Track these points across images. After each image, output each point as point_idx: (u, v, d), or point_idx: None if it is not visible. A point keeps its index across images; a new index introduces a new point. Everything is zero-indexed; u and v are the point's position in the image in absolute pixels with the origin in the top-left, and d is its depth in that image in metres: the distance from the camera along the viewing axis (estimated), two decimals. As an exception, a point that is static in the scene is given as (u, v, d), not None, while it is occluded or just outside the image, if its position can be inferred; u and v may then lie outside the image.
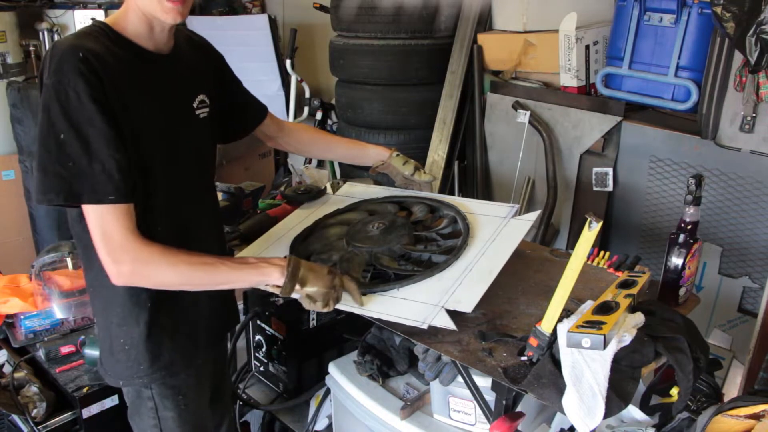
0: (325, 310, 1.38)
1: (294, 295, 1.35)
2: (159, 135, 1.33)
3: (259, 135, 1.75)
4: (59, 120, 1.17)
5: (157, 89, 1.34)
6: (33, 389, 1.77)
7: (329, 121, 4.31)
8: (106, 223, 1.22)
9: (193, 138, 1.43)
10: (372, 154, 1.86)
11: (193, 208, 1.44)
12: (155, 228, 1.33)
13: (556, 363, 1.19)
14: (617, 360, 1.15)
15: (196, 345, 1.48)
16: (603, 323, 1.16)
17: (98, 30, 1.28)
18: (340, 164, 3.81)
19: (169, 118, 1.36)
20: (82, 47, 1.20)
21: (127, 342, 1.38)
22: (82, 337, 1.89)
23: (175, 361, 1.43)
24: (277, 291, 1.34)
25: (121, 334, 1.38)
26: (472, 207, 1.78)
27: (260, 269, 1.33)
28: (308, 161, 3.93)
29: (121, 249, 1.23)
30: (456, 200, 1.83)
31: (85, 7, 3.59)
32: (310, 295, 1.35)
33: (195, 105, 1.43)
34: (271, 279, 1.33)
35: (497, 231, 1.64)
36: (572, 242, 2.96)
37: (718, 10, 2.03)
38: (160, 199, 1.34)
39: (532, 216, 1.69)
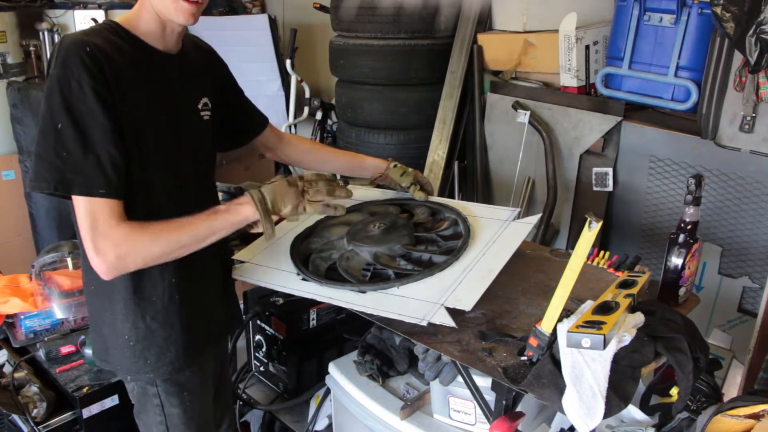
0: (315, 211, 1.43)
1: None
2: (163, 132, 1.35)
3: (258, 146, 1.77)
4: (59, 110, 1.19)
5: (163, 87, 1.36)
6: (33, 389, 1.77)
7: (329, 121, 4.31)
8: (94, 217, 1.23)
9: (195, 138, 1.45)
10: (369, 166, 1.87)
11: (193, 207, 1.44)
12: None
13: (556, 363, 1.19)
14: (617, 360, 1.15)
15: (200, 341, 1.49)
16: (603, 323, 1.16)
17: (108, 28, 1.30)
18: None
19: (174, 116, 1.38)
20: (90, 42, 1.22)
21: (132, 338, 1.39)
22: (82, 337, 1.89)
23: (180, 357, 1.44)
24: (258, 230, 1.37)
25: (125, 330, 1.39)
26: (473, 210, 1.79)
27: (233, 211, 1.35)
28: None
29: (101, 237, 1.23)
30: (457, 203, 1.84)
31: (85, 7, 3.59)
32: (290, 215, 1.40)
33: (199, 107, 1.45)
34: (248, 215, 1.35)
35: (498, 233, 1.65)
36: (572, 242, 2.96)
37: (718, 10, 2.03)
38: (162, 195, 1.35)
39: (533, 219, 1.70)
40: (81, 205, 1.23)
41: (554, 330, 1.20)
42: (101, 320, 1.43)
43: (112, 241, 1.23)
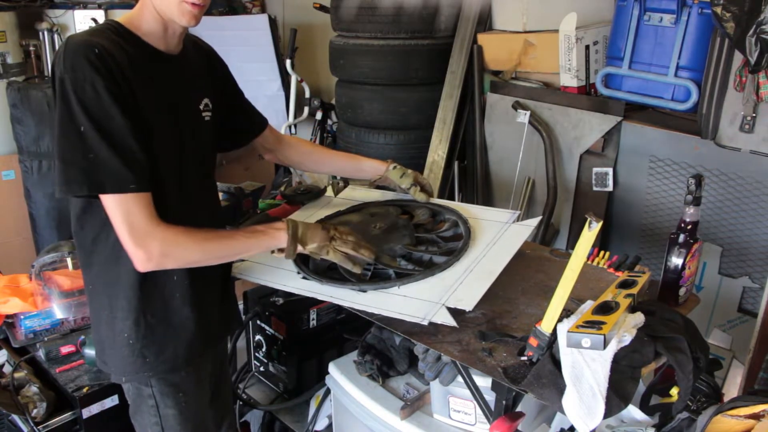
0: (336, 259, 1.49)
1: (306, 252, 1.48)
2: (165, 132, 1.35)
3: (257, 147, 1.78)
4: (79, 113, 1.20)
5: (166, 88, 1.36)
6: (33, 389, 1.77)
7: (329, 121, 4.31)
8: (129, 211, 1.25)
9: (197, 138, 1.45)
10: (368, 168, 1.87)
11: (196, 207, 1.45)
12: (167, 219, 1.35)
13: (556, 363, 1.19)
14: (617, 360, 1.15)
15: (199, 341, 1.48)
16: (603, 323, 1.16)
17: (111, 29, 1.31)
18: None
19: (176, 117, 1.38)
20: (97, 43, 1.23)
21: (132, 336, 1.39)
22: (82, 337, 1.89)
23: (179, 356, 1.44)
24: (282, 255, 1.45)
25: (125, 328, 1.39)
26: (473, 212, 1.79)
27: (270, 234, 1.44)
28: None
29: (147, 235, 1.27)
30: (457, 205, 1.84)
31: (85, 7, 3.59)
32: (313, 251, 1.47)
33: (201, 107, 1.46)
34: (281, 242, 1.44)
35: (498, 235, 1.65)
36: (572, 242, 2.96)
37: (718, 10, 2.03)
38: (164, 195, 1.35)
39: (533, 222, 1.70)
40: (114, 202, 1.25)
41: (554, 330, 1.21)
42: (99, 320, 1.43)
43: (157, 238, 1.27)
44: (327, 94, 4.38)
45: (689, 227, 1.49)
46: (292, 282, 1.57)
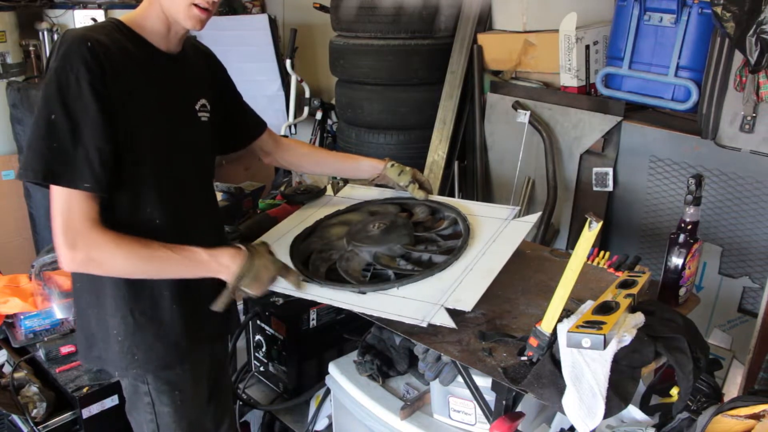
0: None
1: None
2: (159, 130, 1.35)
3: (256, 150, 1.77)
4: (54, 102, 1.20)
5: (163, 86, 1.37)
6: (33, 389, 1.77)
7: (329, 121, 4.31)
8: (70, 208, 1.24)
9: (192, 138, 1.45)
10: (365, 167, 1.87)
11: (190, 206, 1.45)
12: (153, 221, 1.35)
13: (556, 363, 1.19)
14: (617, 360, 1.15)
15: (191, 340, 1.48)
16: (603, 323, 1.16)
17: (112, 25, 1.32)
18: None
19: (171, 116, 1.39)
20: (92, 38, 1.24)
21: (120, 333, 1.39)
22: (82, 337, 1.89)
23: (170, 354, 1.44)
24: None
25: (114, 324, 1.39)
26: (472, 209, 1.79)
27: (209, 268, 1.37)
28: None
29: (78, 235, 1.24)
30: (457, 202, 1.83)
31: (85, 7, 3.59)
32: (243, 291, 1.41)
33: (197, 108, 1.46)
34: (221, 276, 1.38)
35: (498, 232, 1.65)
36: (572, 242, 2.96)
37: (718, 10, 2.03)
38: (157, 194, 1.35)
39: (533, 218, 1.69)
40: (60, 196, 1.24)
41: (554, 330, 1.21)
42: (87, 316, 1.43)
43: (87, 240, 1.24)
44: (327, 94, 4.38)
45: (689, 227, 1.49)
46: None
